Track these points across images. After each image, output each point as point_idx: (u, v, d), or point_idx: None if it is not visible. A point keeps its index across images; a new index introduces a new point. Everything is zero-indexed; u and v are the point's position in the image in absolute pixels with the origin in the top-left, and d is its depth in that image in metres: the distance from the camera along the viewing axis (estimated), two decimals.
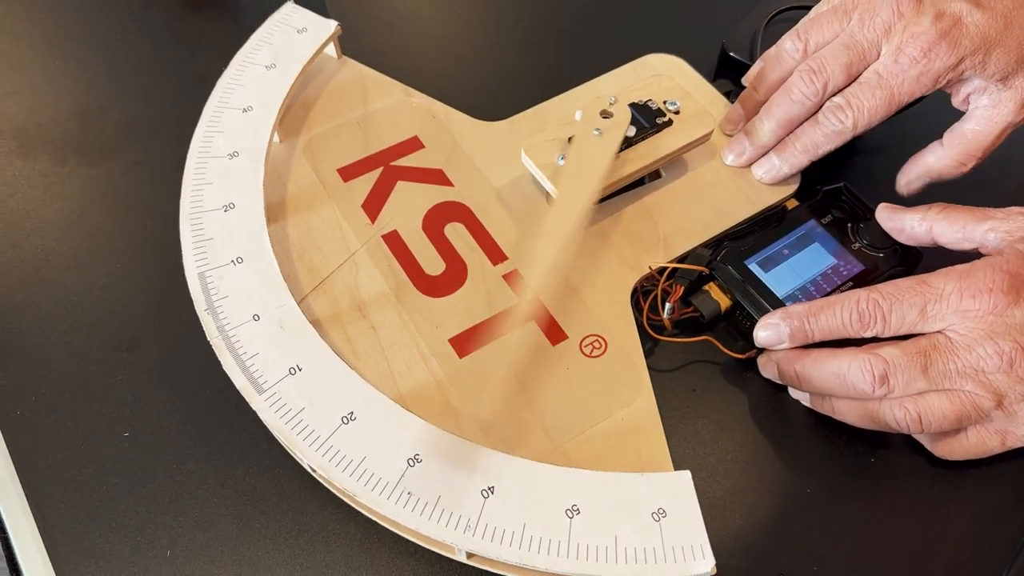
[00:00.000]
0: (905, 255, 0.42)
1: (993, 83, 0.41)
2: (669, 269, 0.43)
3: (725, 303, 0.42)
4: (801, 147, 0.44)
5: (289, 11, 0.50)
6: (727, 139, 0.47)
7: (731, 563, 0.37)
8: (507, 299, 0.42)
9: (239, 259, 0.40)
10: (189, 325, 0.39)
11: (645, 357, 0.40)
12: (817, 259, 0.42)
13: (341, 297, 0.41)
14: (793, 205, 0.46)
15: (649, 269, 0.43)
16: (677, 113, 0.45)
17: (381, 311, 0.41)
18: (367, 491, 0.34)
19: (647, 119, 0.44)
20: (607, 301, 0.42)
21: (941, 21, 0.40)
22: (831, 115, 0.42)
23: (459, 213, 0.45)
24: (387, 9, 0.60)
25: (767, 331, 0.39)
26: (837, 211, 0.44)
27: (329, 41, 0.49)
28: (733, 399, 0.42)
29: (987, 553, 0.38)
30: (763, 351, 0.41)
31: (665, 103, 0.45)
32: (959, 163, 0.43)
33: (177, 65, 0.56)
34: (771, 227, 0.44)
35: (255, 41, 0.49)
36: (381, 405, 0.37)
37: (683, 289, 0.42)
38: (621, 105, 0.44)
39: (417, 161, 0.47)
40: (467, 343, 0.40)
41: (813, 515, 0.39)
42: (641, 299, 0.43)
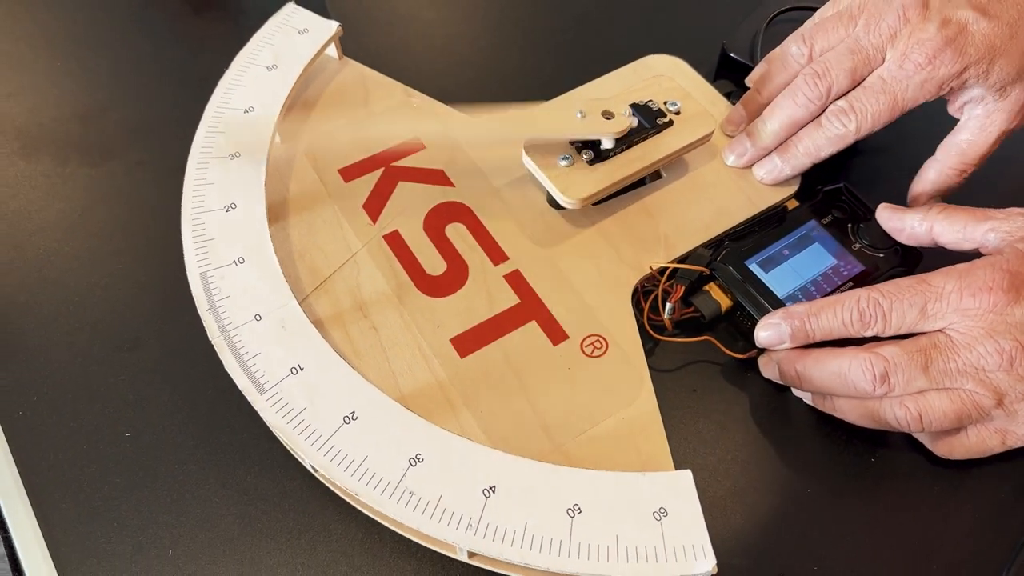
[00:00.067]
0: (905, 255, 0.42)
1: (992, 92, 0.41)
2: (670, 269, 0.43)
3: (726, 303, 0.42)
4: (803, 150, 0.44)
5: (290, 12, 0.50)
6: (728, 140, 0.47)
7: (731, 563, 0.37)
8: (508, 299, 0.42)
9: (241, 259, 0.41)
10: (191, 325, 0.40)
11: (646, 357, 0.40)
12: (817, 259, 0.43)
13: (342, 297, 0.41)
14: (794, 205, 0.46)
15: (650, 269, 0.43)
16: (678, 114, 0.45)
17: (382, 311, 0.41)
18: (369, 490, 0.34)
19: (648, 119, 0.44)
20: (608, 301, 0.42)
21: (947, 28, 0.40)
22: (834, 119, 0.42)
23: (460, 213, 0.45)
24: (388, 10, 0.60)
25: (768, 331, 0.39)
26: (838, 211, 0.44)
27: (330, 42, 0.49)
28: (734, 399, 0.42)
29: (987, 553, 0.38)
30: (764, 351, 0.41)
31: (666, 103, 0.45)
32: (960, 172, 0.44)
33: (178, 66, 0.56)
34: (772, 227, 0.44)
35: (256, 42, 0.49)
36: (382, 405, 0.37)
37: (684, 289, 0.42)
38: (621, 105, 0.44)
39: (418, 161, 0.47)
40: (468, 343, 0.40)
41: (813, 515, 0.39)
42: (642, 299, 0.43)
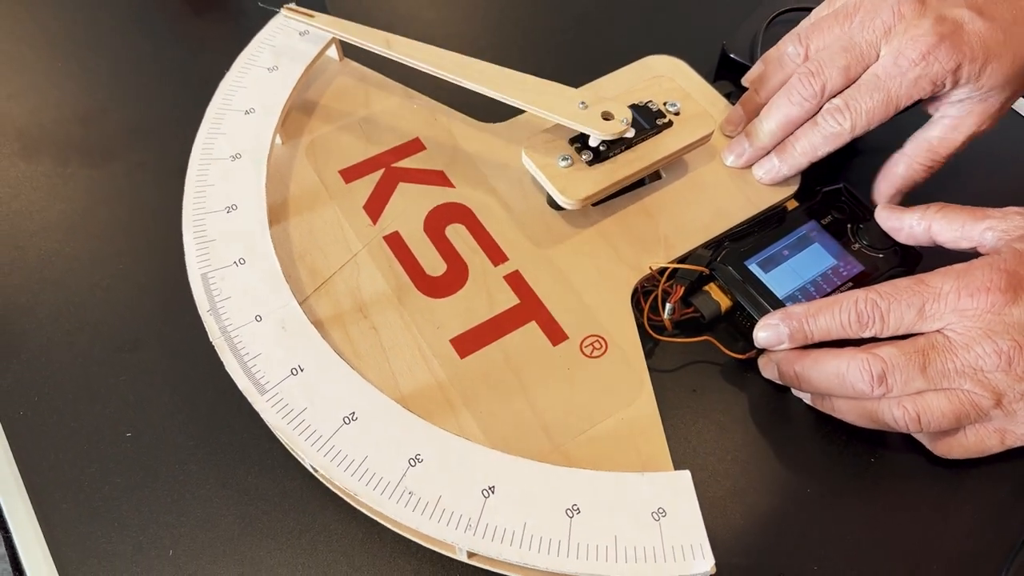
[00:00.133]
0: (905, 256, 0.42)
1: (976, 94, 0.41)
2: (670, 270, 0.43)
3: (725, 303, 0.42)
4: (800, 149, 0.44)
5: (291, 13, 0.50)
6: (727, 140, 0.47)
7: (731, 562, 0.37)
8: (508, 299, 0.42)
9: (241, 260, 0.41)
10: (191, 326, 0.40)
11: (645, 357, 0.40)
12: (817, 260, 0.43)
13: (343, 298, 0.42)
14: (793, 206, 0.46)
15: (650, 270, 0.43)
16: (677, 114, 0.45)
17: (382, 312, 0.41)
18: (368, 491, 0.34)
19: (647, 120, 0.44)
20: (608, 302, 0.42)
21: (942, 25, 0.40)
22: (829, 117, 0.42)
23: (460, 214, 0.45)
24: (388, 10, 0.60)
25: (766, 332, 0.40)
26: (837, 212, 0.44)
27: (331, 43, 0.49)
28: (733, 399, 0.42)
29: (986, 553, 0.38)
30: (763, 351, 0.41)
31: (665, 104, 0.45)
32: (928, 168, 0.44)
33: (179, 67, 0.56)
34: (771, 228, 0.44)
35: (257, 43, 0.49)
36: (382, 405, 0.37)
37: (683, 289, 0.42)
38: (623, 109, 0.44)
39: (418, 162, 0.47)
40: (468, 343, 0.40)
41: (813, 515, 0.39)
42: (642, 299, 0.43)
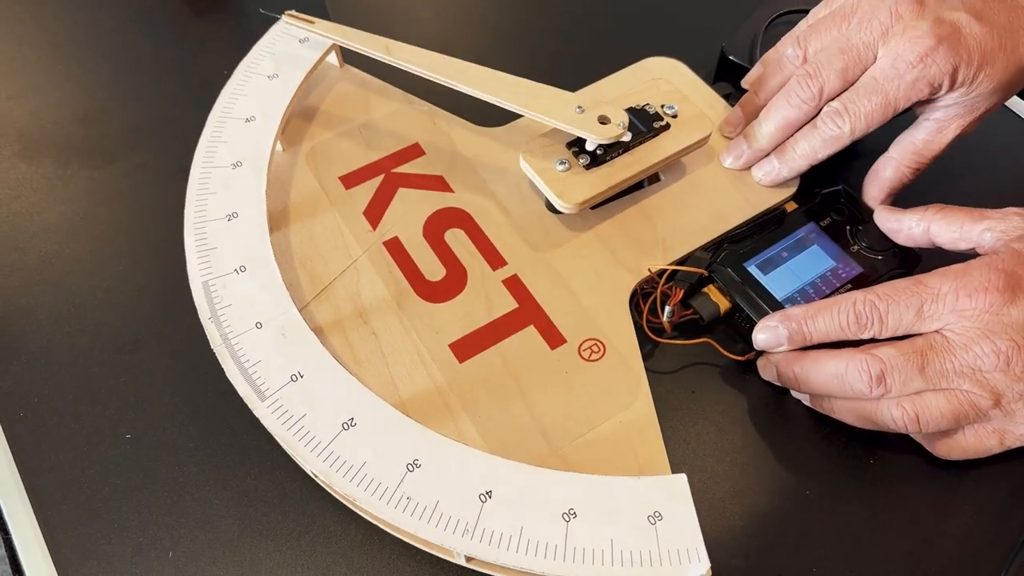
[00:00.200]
0: (904, 257, 0.42)
1: (966, 99, 0.41)
2: (668, 272, 0.43)
3: (724, 305, 0.42)
4: (800, 152, 0.44)
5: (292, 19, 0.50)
6: (726, 142, 0.47)
7: (731, 564, 0.37)
8: (506, 304, 0.42)
9: (242, 268, 0.41)
10: (191, 327, 0.40)
11: (645, 359, 0.40)
12: (816, 262, 0.43)
13: (343, 304, 0.42)
14: (792, 208, 0.46)
15: (648, 272, 0.43)
16: (674, 117, 0.45)
17: (382, 317, 0.41)
18: (367, 496, 0.35)
19: (644, 123, 0.44)
20: (606, 305, 0.42)
21: (940, 27, 0.40)
22: (828, 120, 0.42)
23: (459, 219, 0.45)
24: (388, 16, 0.60)
25: (765, 334, 0.40)
26: (836, 214, 0.44)
27: (331, 50, 0.49)
28: (732, 401, 0.42)
29: (986, 554, 0.38)
30: (762, 353, 0.41)
31: (663, 107, 0.45)
32: (914, 171, 0.44)
33: (180, 69, 0.56)
34: (770, 230, 0.44)
35: (258, 51, 0.49)
36: (381, 411, 0.37)
37: (682, 291, 0.42)
38: (620, 115, 0.44)
39: (418, 168, 0.47)
40: (467, 348, 0.40)
41: (812, 516, 0.39)
42: (641, 302, 0.43)
